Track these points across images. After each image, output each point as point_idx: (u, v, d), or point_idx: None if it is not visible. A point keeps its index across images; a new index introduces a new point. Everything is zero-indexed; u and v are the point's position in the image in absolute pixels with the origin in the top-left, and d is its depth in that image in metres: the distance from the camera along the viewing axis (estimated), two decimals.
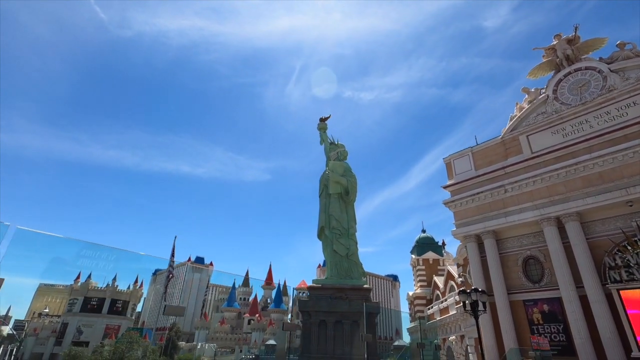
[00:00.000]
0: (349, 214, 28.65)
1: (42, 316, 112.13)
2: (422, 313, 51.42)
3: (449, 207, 28.80)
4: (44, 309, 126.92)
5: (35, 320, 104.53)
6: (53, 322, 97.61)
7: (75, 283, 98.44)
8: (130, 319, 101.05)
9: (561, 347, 21.42)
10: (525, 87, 28.45)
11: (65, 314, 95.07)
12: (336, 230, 27.31)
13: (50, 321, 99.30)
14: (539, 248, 24.16)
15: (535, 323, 22.82)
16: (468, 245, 27.02)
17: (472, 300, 18.59)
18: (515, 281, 24.55)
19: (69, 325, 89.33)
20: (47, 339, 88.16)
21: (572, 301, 21.13)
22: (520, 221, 24.66)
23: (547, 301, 22.76)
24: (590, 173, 22.63)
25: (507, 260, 25.37)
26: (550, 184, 24.02)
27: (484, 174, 27.63)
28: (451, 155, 30.54)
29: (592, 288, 20.57)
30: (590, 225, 22.55)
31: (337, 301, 24.68)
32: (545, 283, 23.30)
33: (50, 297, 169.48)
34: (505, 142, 27.63)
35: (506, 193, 25.86)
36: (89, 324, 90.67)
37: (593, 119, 23.83)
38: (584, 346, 19.98)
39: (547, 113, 26.00)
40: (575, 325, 20.66)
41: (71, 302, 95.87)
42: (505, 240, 25.91)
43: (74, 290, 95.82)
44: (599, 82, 24.35)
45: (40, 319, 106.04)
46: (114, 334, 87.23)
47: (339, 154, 30.90)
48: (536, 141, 25.92)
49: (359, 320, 23.90)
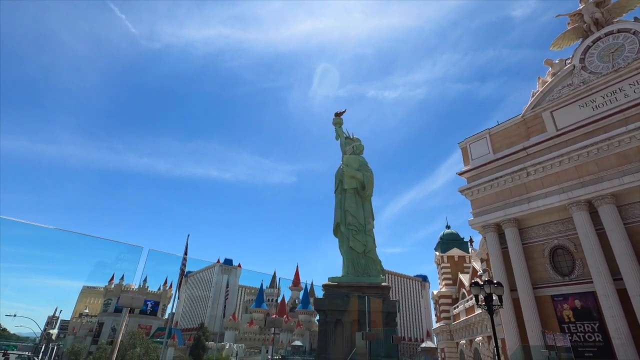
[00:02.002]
0: (365, 209, 27.18)
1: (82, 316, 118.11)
2: (447, 313, 48.48)
3: (466, 195, 26.39)
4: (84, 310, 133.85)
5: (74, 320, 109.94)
6: (90, 322, 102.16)
7: (109, 284, 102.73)
8: (161, 319, 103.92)
9: (597, 349, 18.61)
10: (549, 59, 25.55)
11: (100, 314, 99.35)
12: (352, 227, 25.94)
13: (88, 321, 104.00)
14: (568, 236, 21.35)
15: (565, 321, 20.08)
16: (487, 235, 24.52)
17: (486, 294, 16.48)
18: (542, 274, 21.84)
19: (104, 325, 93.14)
20: (85, 337, 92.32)
21: (609, 295, 18.29)
22: (545, 207, 21.95)
23: (579, 296, 19.97)
24: (627, 148, 19.66)
25: (532, 251, 22.68)
26: (579, 164, 21.18)
27: (503, 157, 25.02)
28: (467, 139, 28.07)
29: (633, 280, 17.69)
30: (628, 208, 19.57)
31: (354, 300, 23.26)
32: (577, 276, 20.49)
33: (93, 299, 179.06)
34: (527, 120, 24.88)
35: (528, 176, 23.18)
36: None
37: (629, 87, 20.76)
38: (624, 347, 17.16)
39: (574, 85, 23.07)
40: (613, 323, 17.84)
41: (106, 302, 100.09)
42: (529, 229, 23.21)
43: (109, 291, 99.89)
44: (634, 45, 21.24)
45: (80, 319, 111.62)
46: (145, 334, 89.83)
47: (354, 148, 29.46)
48: (562, 117, 23.06)
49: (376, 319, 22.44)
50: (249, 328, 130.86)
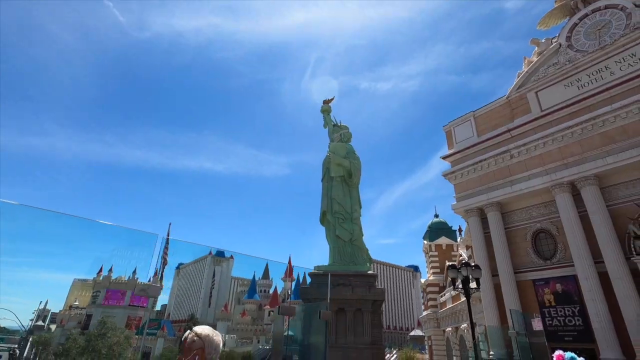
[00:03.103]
0: (352, 197, 26.65)
1: (72, 308, 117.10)
2: (434, 301, 48.36)
3: (449, 179, 25.72)
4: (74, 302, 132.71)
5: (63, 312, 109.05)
6: (79, 314, 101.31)
7: (98, 276, 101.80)
8: (151, 311, 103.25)
9: (577, 333, 18.20)
10: (535, 39, 24.72)
11: (89, 305, 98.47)
12: (339, 215, 25.42)
13: (77, 313, 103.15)
14: (551, 220, 20.81)
15: (546, 305, 19.63)
16: (470, 220, 23.94)
17: (463, 277, 15.90)
18: (524, 258, 21.34)
19: (93, 317, 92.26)
20: (73, 329, 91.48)
21: (590, 278, 17.82)
22: (528, 189, 21.36)
23: (560, 280, 19.50)
24: (611, 128, 19.03)
25: (514, 235, 22.15)
26: (563, 145, 20.55)
27: (487, 139, 24.32)
28: (451, 122, 27.31)
29: (614, 262, 17.21)
30: (610, 190, 19.02)
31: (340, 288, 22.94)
32: (558, 259, 20.00)
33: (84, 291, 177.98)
34: (512, 101, 24.15)
35: (512, 159, 22.53)
36: (112, 315, 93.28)
37: (615, 64, 20.06)
38: (603, 331, 16.74)
39: (560, 64, 22.32)
40: (593, 306, 17.40)
41: (95, 294, 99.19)
42: (512, 212, 22.65)
43: (97, 283, 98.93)
44: (621, 22, 20.48)
45: (70, 311, 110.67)
46: (135, 325, 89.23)
47: (342, 135, 28.74)
48: (547, 97, 22.35)
49: (362, 307, 22.13)
50: (242, 319, 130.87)
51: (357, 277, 22.82)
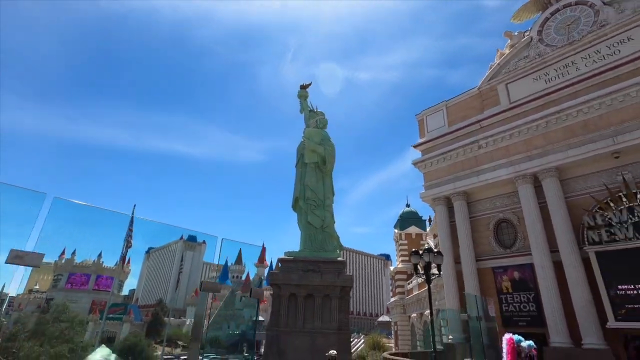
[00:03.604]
0: (325, 184, 26.40)
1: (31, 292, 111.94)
2: (402, 288, 49.45)
3: (419, 167, 25.88)
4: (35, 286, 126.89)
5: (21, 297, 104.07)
6: (39, 298, 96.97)
7: (59, 259, 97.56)
8: (117, 295, 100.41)
9: (530, 318, 18.96)
10: (508, 31, 24.94)
11: (50, 289, 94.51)
12: (311, 202, 25.18)
13: (36, 297, 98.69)
14: (513, 210, 21.38)
15: (504, 292, 20.30)
16: (437, 208, 24.27)
17: (425, 263, 16.02)
18: (486, 247, 21.91)
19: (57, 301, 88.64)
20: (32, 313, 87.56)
21: (545, 267, 18.49)
22: (493, 180, 21.78)
23: (518, 268, 20.16)
24: (573, 122, 19.55)
25: (478, 224, 22.65)
26: (528, 137, 20.99)
27: (458, 129, 24.54)
28: (424, 111, 27.37)
29: (568, 251, 17.90)
30: (570, 182, 19.67)
31: (309, 274, 22.83)
32: (517, 248, 20.64)
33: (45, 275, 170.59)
34: (483, 93, 24.39)
35: (480, 149, 22.86)
36: (74, 299, 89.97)
37: (580, 60, 20.53)
38: (554, 316, 17.48)
39: (530, 57, 22.65)
40: (546, 293, 18.10)
41: (56, 278, 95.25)
42: (477, 202, 23.11)
43: (58, 266, 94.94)
44: (589, 18, 20.91)
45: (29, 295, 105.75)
46: (99, 310, 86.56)
47: (317, 121, 28.29)
48: (516, 90, 22.69)
49: (330, 294, 22.15)
50: (212, 304, 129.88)
51: (327, 264, 22.78)
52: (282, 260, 25.19)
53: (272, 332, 21.77)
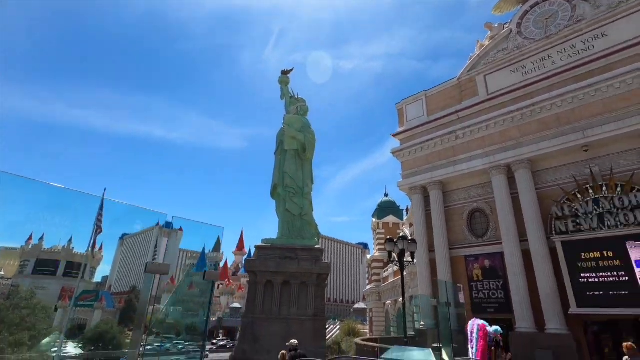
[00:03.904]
0: (304, 172, 26.08)
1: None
2: (378, 276, 50.25)
3: (397, 156, 25.94)
4: None
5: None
6: (4, 284, 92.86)
7: (26, 245, 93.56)
8: (88, 282, 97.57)
9: (498, 305, 19.56)
10: (489, 23, 25.02)
11: (16, 275, 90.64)
12: (290, 189, 24.88)
13: (1, 283, 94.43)
14: (487, 200, 21.80)
15: (474, 280, 20.83)
16: (413, 197, 24.48)
17: (399, 250, 16.11)
18: (459, 236, 22.33)
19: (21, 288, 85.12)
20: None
21: (514, 255, 19.02)
22: (469, 170, 22.09)
23: (488, 256, 20.68)
24: (547, 115, 19.94)
25: (453, 213, 23.01)
26: (503, 129, 21.31)
27: (436, 119, 24.67)
28: (404, 100, 27.32)
29: (536, 241, 18.44)
30: (541, 174, 20.17)
31: (286, 261, 22.71)
32: (489, 237, 21.14)
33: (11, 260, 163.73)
34: (462, 83, 24.52)
35: (457, 140, 23.07)
36: (43, 286, 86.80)
37: (557, 54, 20.86)
38: (520, 303, 18.07)
39: (509, 49, 22.85)
40: (514, 281, 18.66)
41: (23, 264, 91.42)
42: (453, 192, 23.43)
43: (25, 252, 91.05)
44: (567, 13, 21.19)
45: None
46: (68, 297, 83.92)
47: (298, 108, 27.71)
48: (494, 81, 22.91)
49: (307, 281, 22.12)
50: (189, 291, 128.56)
51: (304, 251, 22.69)
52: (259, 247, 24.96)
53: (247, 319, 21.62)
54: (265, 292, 21.09)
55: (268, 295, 21.28)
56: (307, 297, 21.03)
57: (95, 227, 33.91)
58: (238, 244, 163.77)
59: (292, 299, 21.08)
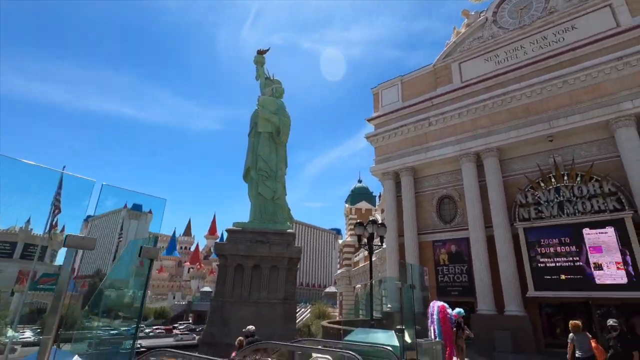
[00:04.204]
0: (278, 155, 25.49)
1: None
2: (349, 261, 50.91)
3: (371, 141, 25.85)
4: None
5: None
6: None
7: None
8: (49, 265, 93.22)
9: (462, 288, 20.18)
10: (466, 10, 25.01)
11: None
12: (263, 172, 24.27)
13: None
14: (455, 187, 22.20)
15: (441, 264, 21.34)
16: (385, 183, 24.58)
17: (368, 234, 16.11)
18: (428, 221, 22.71)
19: None
20: None
21: (479, 241, 19.57)
22: (440, 157, 22.33)
23: (455, 242, 21.19)
24: (517, 105, 20.33)
25: (423, 199, 23.33)
26: (475, 117, 21.59)
27: (411, 105, 24.66)
28: (380, 85, 27.11)
29: (500, 227, 19.03)
30: (509, 162, 20.69)
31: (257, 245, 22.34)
32: (457, 223, 21.62)
33: None
34: (437, 70, 24.54)
35: (430, 127, 23.20)
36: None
37: (529, 44, 21.18)
38: (483, 287, 18.71)
39: (484, 38, 22.99)
40: (478, 265, 19.25)
41: None
42: (424, 178, 23.69)
43: None
44: (541, 4, 21.46)
45: None
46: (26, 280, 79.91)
47: (274, 90, 26.82)
48: (468, 69, 23.07)
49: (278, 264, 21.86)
50: (158, 275, 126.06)
51: (276, 235, 22.40)
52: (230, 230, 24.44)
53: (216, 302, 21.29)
54: (236, 276, 20.76)
55: (238, 279, 20.96)
56: (277, 281, 20.91)
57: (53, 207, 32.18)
58: (210, 228, 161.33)
59: (263, 283, 20.89)
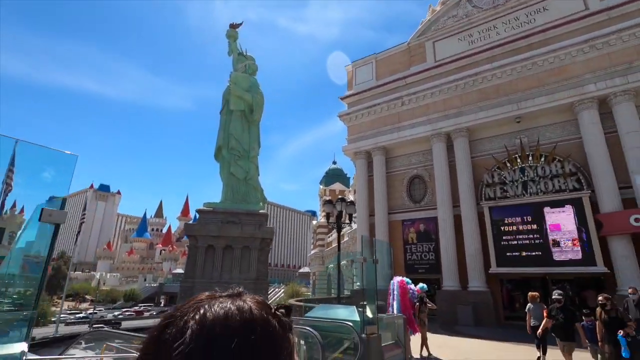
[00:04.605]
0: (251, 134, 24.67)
1: None
2: (322, 241, 51.20)
3: (344, 120, 25.45)
4: None
5: None
6: None
7: None
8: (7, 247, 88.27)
9: (429, 266, 20.61)
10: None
11: None
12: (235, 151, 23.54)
13: None
14: (426, 167, 22.34)
15: (409, 242, 21.65)
16: (357, 162, 24.41)
17: (337, 212, 15.90)
18: (398, 201, 22.85)
19: None
20: None
21: (447, 220, 19.91)
22: (412, 137, 22.30)
23: (424, 221, 21.49)
24: (487, 85, 20.43)
25: (394, 179, 23.37)
26: (447, 97, 21.57)
27: (384, 84, 24.32)
28: (355, 62, 26.53)
29: (467, 206, 19.39)
30: (478, 143, 20.94)
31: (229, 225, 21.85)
32: (426, 202, 21.87)
33: None
34: (411, 48, 24.20)
35: (403, 106, 23.03)
36: None
37: (501, 25, 21.16)
38: (448, 263, 19.16)
39: (458, 17, 22.76)
40: (444, 243, 19.64)
41: None
42: (395, 158, 23.68)
43: None
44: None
45: None
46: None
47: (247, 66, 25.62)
48: (442, 48, 22.87)
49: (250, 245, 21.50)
50: (128, 257, 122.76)
51: (248, 216, 21.94)
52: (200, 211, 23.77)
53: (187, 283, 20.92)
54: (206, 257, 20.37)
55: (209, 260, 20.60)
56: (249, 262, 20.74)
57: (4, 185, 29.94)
58: (183, 210, 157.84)
59: (234, 264, 20.64)
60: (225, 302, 0.58)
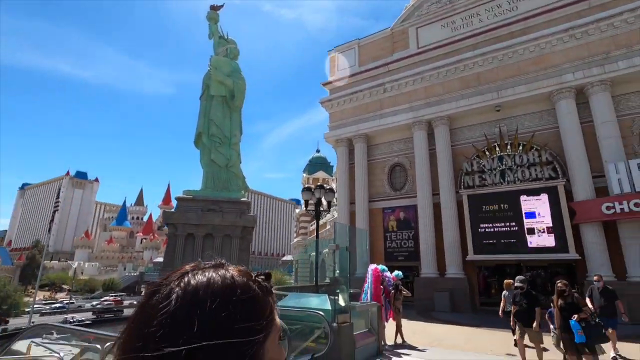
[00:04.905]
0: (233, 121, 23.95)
1: None
2: (305, 229, 51.15)
3: (326, 107, 25.02)
4: None
5: None
6: None
7: None
8: None
9: (408, 253, 20.73)
10: None
11: None
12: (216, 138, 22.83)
13: None
14: (407, 155, 22.26)
15: (389, 230, 21.68)
16: (338, 150, 24.10)
17: (316, 199, 15.64)
18: (379, 189, 22.77)
19: None
20: None
21: (426, 207, 19.97)
22: (393, 124, 22.11)
23: (404, 209, 21.51)
24: (469, 74, 20.34)
25: (375, 167, 23.24)
26: (429, 84, 21.40)
27: (367, 70, 23.93)
28: (337, 48, 25.96)
29: (446, 194, 19.47)
30: (458, 131, 20.94)
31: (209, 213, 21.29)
32: (406, 191, 21.87)
33: None
34: (395, 34, 23.81)
35: (385, 93, 22.75)
36: None
37: (484, 12, 20.99)
38: (426, 251, 19.30)
39: (442, 2, 22.44)
40: (424, 231, 19.73)
41: None
42: (377, 146, 23.50)
43: None
44: None
45: None
46: None
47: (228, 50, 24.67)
48: (425, 35, 22.58)
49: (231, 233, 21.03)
50: (107, 246, 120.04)
51: (229, 204, 21.43)
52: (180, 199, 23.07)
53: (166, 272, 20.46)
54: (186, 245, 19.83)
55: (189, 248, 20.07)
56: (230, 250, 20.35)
57: None
58: (164, 198, 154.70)
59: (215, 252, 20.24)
60: (208, 271, 0.64)
